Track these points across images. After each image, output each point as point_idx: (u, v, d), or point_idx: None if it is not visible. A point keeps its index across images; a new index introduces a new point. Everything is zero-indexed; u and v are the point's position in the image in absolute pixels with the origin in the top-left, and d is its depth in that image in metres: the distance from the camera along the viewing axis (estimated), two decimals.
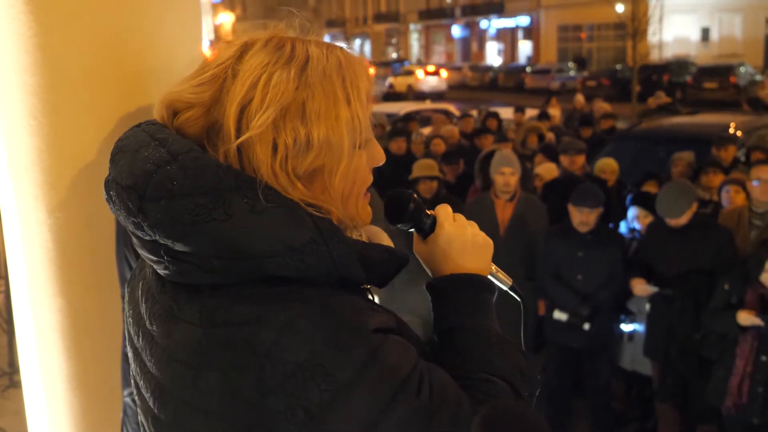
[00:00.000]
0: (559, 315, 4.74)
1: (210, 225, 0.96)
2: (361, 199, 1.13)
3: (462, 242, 1.22)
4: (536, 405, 1.26)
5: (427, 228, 1.24)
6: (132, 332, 1.14)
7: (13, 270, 2.34)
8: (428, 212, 1.25)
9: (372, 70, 1.15)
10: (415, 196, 1.24)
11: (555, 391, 4.97)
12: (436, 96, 30.59)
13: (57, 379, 2.31)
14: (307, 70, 1.03)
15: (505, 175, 5.13)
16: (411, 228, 1.25)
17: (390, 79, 36.14)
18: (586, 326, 4.65)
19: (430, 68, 37.77)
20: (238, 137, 1.01)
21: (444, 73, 37.47)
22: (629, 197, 5.62)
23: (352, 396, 0.95)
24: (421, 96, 22.28)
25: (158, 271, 1.06)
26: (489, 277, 1.26)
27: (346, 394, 0.94)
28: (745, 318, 3.86)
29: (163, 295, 1.07)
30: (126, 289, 1.21)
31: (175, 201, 0.97)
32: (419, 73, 36.49)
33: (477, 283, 1.21)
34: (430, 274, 1.25)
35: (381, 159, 1.15)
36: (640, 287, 4.61)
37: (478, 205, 5.28)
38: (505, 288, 1.31)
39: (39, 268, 2.24)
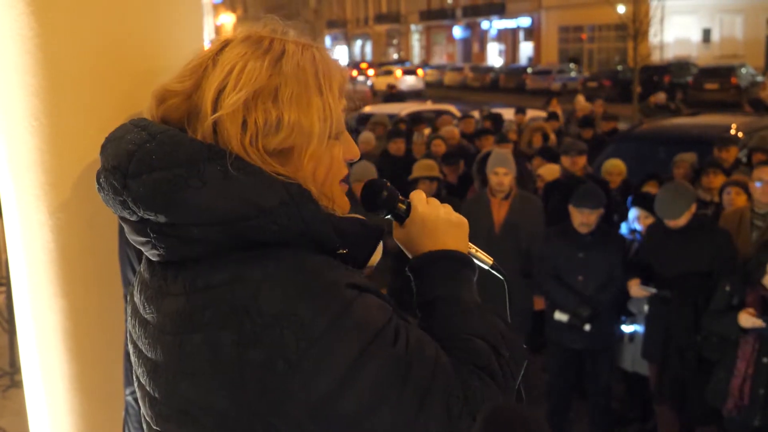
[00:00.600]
0: (560, 316, 4.74)
1: (187, 193, 1.03)
2: (336, 187, 1.20)
3: (435, 220, 1.27)
4: (536, 405, 1.26)
5: (403, 213, 1.30)
6: (131, 327, 1.20)
7: (14, 270, 2.34)
8: (402, 198, 1.31)
9: (348, 72, 1.23)
10: (388, 184, 1.30)
11: (555, 391, 4.97)
12: (415, 94, 31.52)
13: (58, 380, 2.31)
14: (281, 61, 1.12)
15: (499, 175, 5.18)
16: (388, 215, 1.30)
17: (372, 79, 37.19)
18: (587, 327, 4.65)
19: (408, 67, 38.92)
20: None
21: (421, 72, 38.83)
22: (630, 198, 5.61)
23: (327, 345, 1.00)
24: (399, 95, 22.58)
25: (147, 254, 1.14)
26: (468, 255, 1.30)
27: (321, 343, 1.00)
28: (746, 319, 3.86)
29: (154, 279, 1.14)
30: (128, 295, 1.24)
31: (155, 174, 1.05)
32: (398, 72, 37.65)
33: (452, 257, 1.25)
34: (410, 256, 1.30)
35: (355, 154, 1.22)
36: (636, 288, 4.61)
37: (475, 204, 5.31)
38: (486, 267, 1.35)
39: (40, 269, 2.24)
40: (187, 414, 1.06)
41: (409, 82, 36.38)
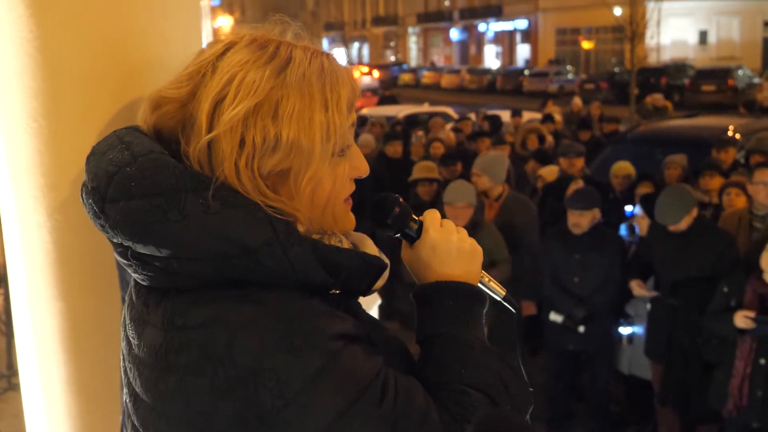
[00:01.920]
0: (555, 317, 4.75)
1: (165, 225, 0.97)
2: (340, 207, 1.11)
3: (446, 248, 1.18)
4: (535, 408, 1.24)
5: (414, 234, 1.21)
6: (122, 336, 1.16)
7: (12, 272, 2.34)
8: (415, 217, 1.22)
9: (358, 83, 1.13)
10: (402, 200, 1.21)
11: (554, 394, 4.97)
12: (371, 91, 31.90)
13: (56, 382, 2.31)
14: (286, 71, 1.03)
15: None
16: (397, 233, 1.21)
17: None
18: (581, 329, 4.65)
19: (364, 69, 39.64)
20: (209, 132, 1.01)
21: (376, 73, 39.26)
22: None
23: (305, 403, 0.93)
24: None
25: (131, 275, 1.08)
26: (479, 286, 1.22)
27: (299, 401, 0.93)
28: (742, 320, 3.86)
29: (138, 299, 1.08)
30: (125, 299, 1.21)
31: (133, 202, 0.98)
32: (356, 73, 38.50)
33: (461, 290, 1.16)
34: (416, 281, 1.21)
35: (363, 170, 1.13)
36: (638, 289, 4.61)
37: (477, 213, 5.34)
38: (497, 298, 1.27)
39: (38, 271, 2.23)
40: None
41: (365, 81, 36.90)
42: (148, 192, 0.98)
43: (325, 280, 1.01)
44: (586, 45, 41.42)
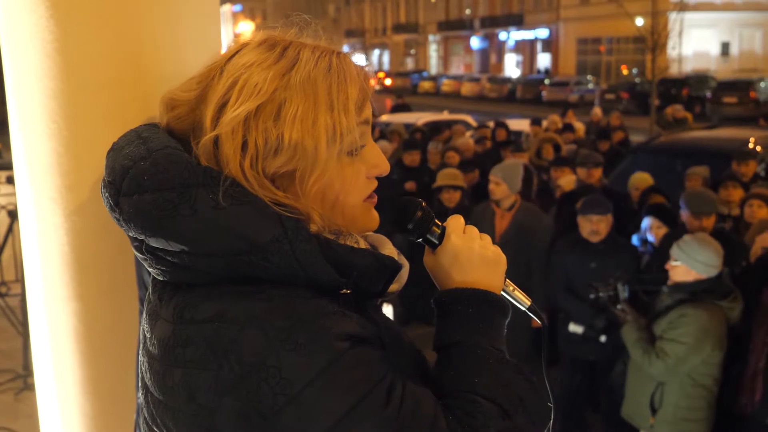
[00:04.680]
0: (575, 328, 4.70)
1: (175, 220, 0.97)
2: (357, 206, 1.10)
3: (468, 255, 1.15)
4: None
5: (436, 239, 1.18)
6: (139, 332, 1.16)
7: (29, 273, 2.35)
8: (438, 223, 1.19)
9: (371, 79, 1.10)
10: (424, 205, 1.19)
11: (569, 404, 4.94)
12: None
13: (70, 383, 2.32)
14: (290, 73, 1.02)
15: (491, 183, 5.31)
16: (418, 238, 1.19)
17: None
18: (603, 338, 4.61)
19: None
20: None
21: (388, 81, 39.48)
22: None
23: (307, 403, 0.92)
24: None
25: (147, 269, 1.08)
26: (502, 294, 1.19)
27: (301, 400, 0.91)
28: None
29: (154, 294, 1.09)
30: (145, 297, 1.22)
31: (145, 196, 0.98)
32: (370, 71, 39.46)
33: (480, 298, 1.14)
34: (438, 288, 1.19)
35: (382, 167, 1.11)
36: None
37: (481, 214, 5.38)
38: (522, 308, 1.24)
39: (55, 272, 2.25)
40: None
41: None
42: (161, 186, 0.98)
43: (334, 278, 1.00)
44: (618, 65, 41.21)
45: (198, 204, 0.97)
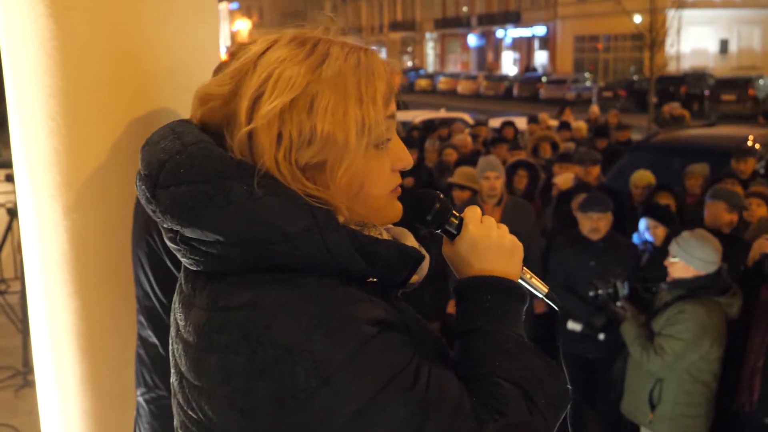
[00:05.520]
0: (573, 325, 4.71)
1: (211, 210, 1.01)
2: (382, 198, 1.13)
3: (486, 244, 1.20)
4: None
5: (454, 230, 1.23)
6: (171, 321, 1.19)
7: (28, 270, 2.36)
8: (456, 213, 1.24)
9: (397, 76, 1.14)
10: (442, 196, 1.23)
11: None
12: None
13: (70, 380, 2.32)
14: (322, 67, 1.06)
15: (490, 179, 5.22)
16: (437, 229, 1.23)
17: None
18: (601, 336, 4.62)
19: None
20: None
21: None
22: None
23: (340, 385, 0.96)
24: None
25: (181, 259, 1.11)
26: (520, 282, 1.23)
27: (333, 383, 0.95)
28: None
29: (187, 284, 1.12)
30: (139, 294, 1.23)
31: (182, 187, 1.02)
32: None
33: (499, 286, 1.18)
34: (457, 277, 1.23)
35: (406, 161, 1.16)
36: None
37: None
38: (540, 295, 1.28)
39: (54, 269, 2.25)
40: (206, 428, 1.05)
41: None
42: (196, 178, 1.02)
43: (361, 267, 1.05)
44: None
45: (232, 195, 1.01)
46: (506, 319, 1.16)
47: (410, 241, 1.20)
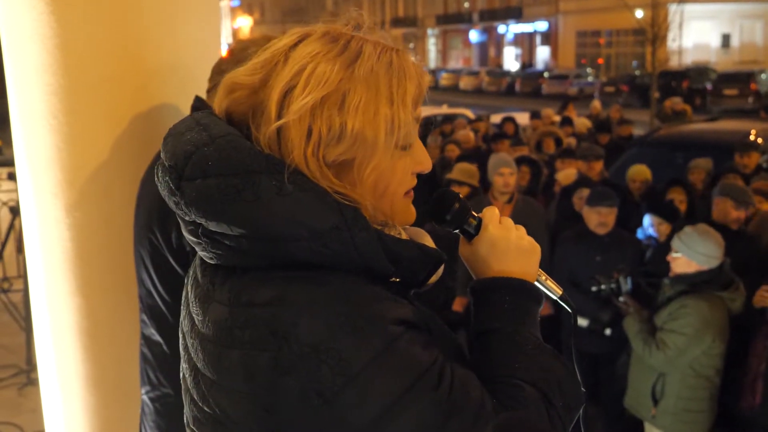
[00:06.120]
0: (580, 321, 4.70)
1: (238, 205, 1.00)
2: (400, 199, 1.13)
3: (505, 245, 1.20)
4: None
5: (472, 230, 1.23)
6: (182, 318, 1.18)
7: (31, 268, 2.36)
8: (475, 214, 1.24)
9: (428, 79, 1.14)
10: (462, 196, 1.23)
11: None
12: None
13: (74, 377, 2.32)
14: (355, 65, 1.05)
15: (504, 175, 5.20)
16: (456, 229, 1.23)
17: None
18: (608, 332, 4.61)
19: None
20: (278, 120, 1.04)
21: None
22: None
23: (365, 383, 0.95)
24: None
25: (200, 253, 1.11)
26: (536, 284, 1.23)
27: (359, 381, 0.95)
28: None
29: (204, 278, 1.11)
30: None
31: (209, 180, 1.01)
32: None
33: (518, 287, 1.18)
34: (474, 277, 1.23)
35: (426, 165, 1.15)
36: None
37: (476, 208, 5.28)
38: (554, 297, 1.28)
39: (57, 267, 2.25)
40: (222, 425, 1.04)
41: None
42: (225, 171, 1.01)
43: (386, 267, 1.04)
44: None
45: (261, 190, 1.00)
46: (525, 320, 1.16)
47: (428, 241, 1.20)
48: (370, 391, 0.96)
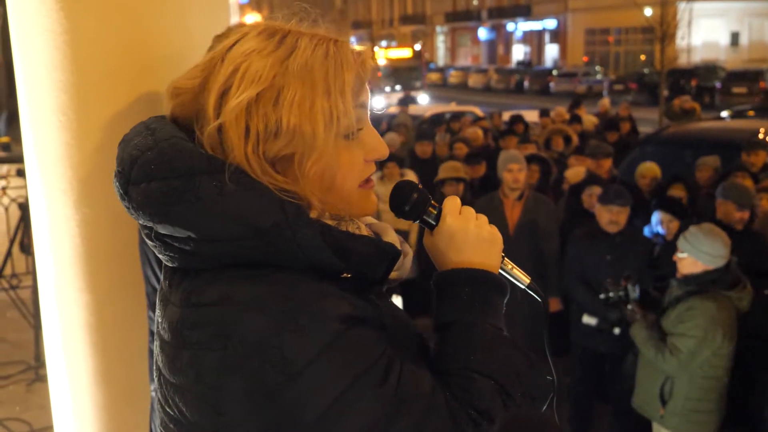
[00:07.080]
0: (588, 319, 4.69)
1: (181, 207, 1.00)
2: (355, 191, 1.12)
3: (464, 236, 1.18)
4: (558, 408, 1.22)
5: (433, 220, 1.20)
6: (154, 319, 1.19)
7: (40, 265, 2.37)
8: (435, 204, 1.21)
9: (369, 63, 1.12)
10: (421, 187, 1.21)
11: (578, 395, 4.94)
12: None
13: (82, 374, 2.33)
14: (288, 60, 1.05)
15: (513, 171, 5.18)
16: (415, 220, 1.21)
17: None
18: (616, 330, 4.60)
19: None
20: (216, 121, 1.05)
21: None
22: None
23: (307, 381, 0.95)
24: None
25: (158, 256, 1.11)
26: (501, 273, 1.21)
27: (301, 379, 0.95)
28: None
29: (165, 281, 1.12)
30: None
31: (153, 184, 1.02)
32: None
33: (477, 278, 1.16)
34: (437, 268, 1.21)
35: (380, 151, 1.14)
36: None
37: (488, 204, 5.27)
38: (522, 286, 1.26)
39: (66, 264, 2.26)
40: (183, 426, 1.05)
41: None
42: (167, 174, 1.01)
43: (333, 263, 1.03)
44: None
45: (202, 191, 1.00)
46: (484, 311, 1.15)
47: (390, 236, 1.20)
48: (313, 388, 0.96)
